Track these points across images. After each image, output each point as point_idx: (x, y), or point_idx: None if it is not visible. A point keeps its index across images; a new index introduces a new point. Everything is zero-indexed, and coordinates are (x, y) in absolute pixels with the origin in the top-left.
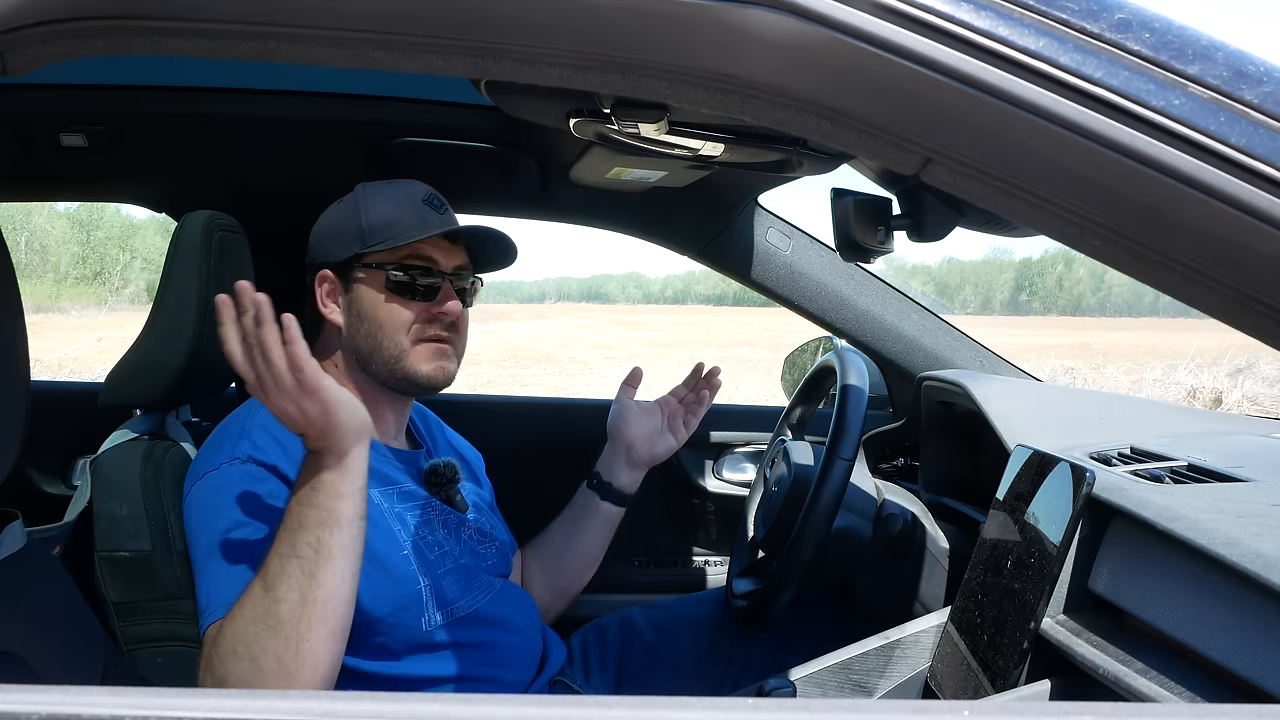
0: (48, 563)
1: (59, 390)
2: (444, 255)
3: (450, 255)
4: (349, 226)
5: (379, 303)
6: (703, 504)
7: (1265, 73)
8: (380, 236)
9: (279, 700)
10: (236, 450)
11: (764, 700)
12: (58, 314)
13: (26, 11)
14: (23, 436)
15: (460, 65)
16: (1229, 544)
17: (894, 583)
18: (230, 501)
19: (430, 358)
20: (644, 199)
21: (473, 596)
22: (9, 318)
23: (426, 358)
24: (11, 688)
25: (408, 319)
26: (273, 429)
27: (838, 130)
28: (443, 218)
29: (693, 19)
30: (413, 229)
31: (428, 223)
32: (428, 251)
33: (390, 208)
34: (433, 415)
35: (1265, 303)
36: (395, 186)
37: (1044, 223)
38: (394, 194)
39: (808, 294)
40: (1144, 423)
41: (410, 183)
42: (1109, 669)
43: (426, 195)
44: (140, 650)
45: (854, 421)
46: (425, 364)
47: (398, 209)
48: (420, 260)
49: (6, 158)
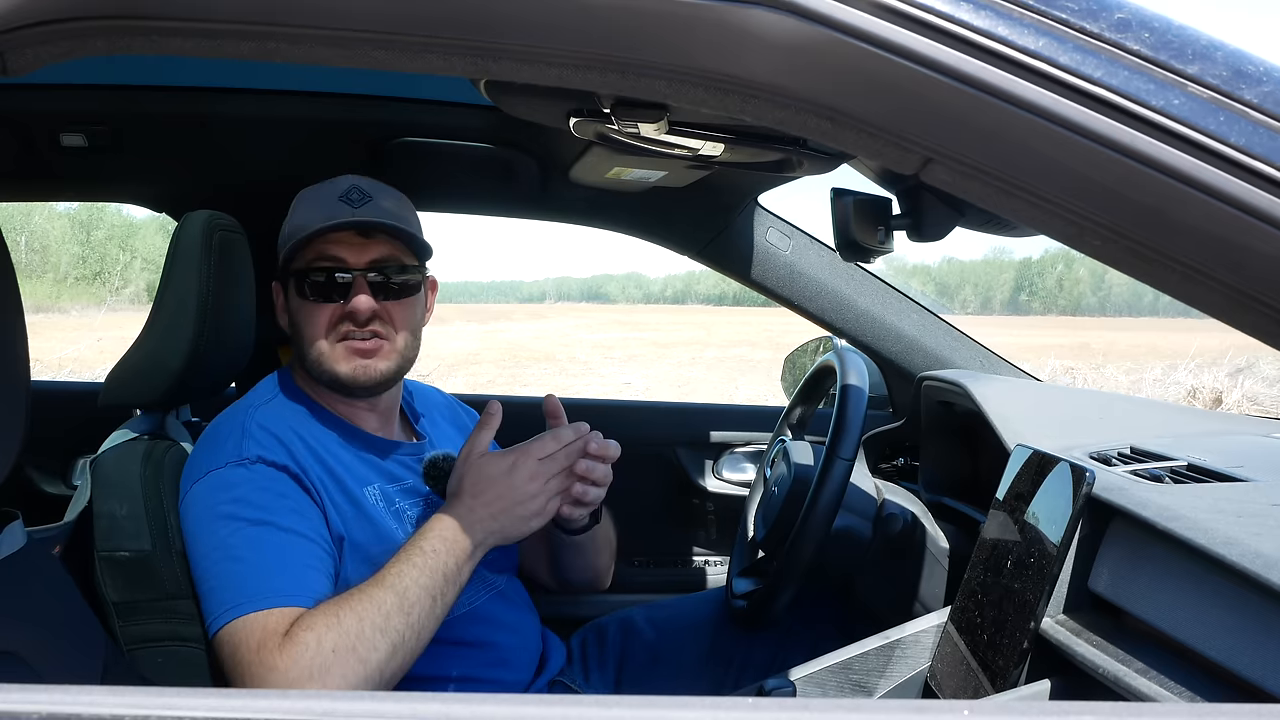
0: (48, 563)
1: (59, 390)
2: (354, 251)
3: (363, 250)
4: (280, 236)
5: (299, 307)
6: (703, 504)
7: (1265, 73)
8: (290, 241)
9: (279, 700)
10: (243, 450)
11: (764, 700)
12: (58, 314)
13: (26, 11)
14: (23, 436)
15: (460, 65)
16: (1229, 544)
17: (894, 583)
18: (242, 500)
19: (347, 357)
20: (644, 199)
21: (473, 593)
22: (9, 318)
23: (344, 357)
24: (11, 688)
25: (323, 320)
26: (273, 428)
27: (838, 130)
28: (356, 210)
29: (693, 19)
30: (313, 227)
31: (333, 217)
32: (334, 250)
33: (305, 209)
34: (432, 394)
35: (1265, 302)
36: (320, 187)
37: (1044, 223)
38: (314, 195)
39: (808, 294)
40: (1144, 423)
41: (338, 179)
42: (1109, 669)
43: (345, 190)
44: (140, 650)
45: (854, 421)
46: (343, 364)
47: (310, 210)
48: (327, 260)
49: (6, 158)
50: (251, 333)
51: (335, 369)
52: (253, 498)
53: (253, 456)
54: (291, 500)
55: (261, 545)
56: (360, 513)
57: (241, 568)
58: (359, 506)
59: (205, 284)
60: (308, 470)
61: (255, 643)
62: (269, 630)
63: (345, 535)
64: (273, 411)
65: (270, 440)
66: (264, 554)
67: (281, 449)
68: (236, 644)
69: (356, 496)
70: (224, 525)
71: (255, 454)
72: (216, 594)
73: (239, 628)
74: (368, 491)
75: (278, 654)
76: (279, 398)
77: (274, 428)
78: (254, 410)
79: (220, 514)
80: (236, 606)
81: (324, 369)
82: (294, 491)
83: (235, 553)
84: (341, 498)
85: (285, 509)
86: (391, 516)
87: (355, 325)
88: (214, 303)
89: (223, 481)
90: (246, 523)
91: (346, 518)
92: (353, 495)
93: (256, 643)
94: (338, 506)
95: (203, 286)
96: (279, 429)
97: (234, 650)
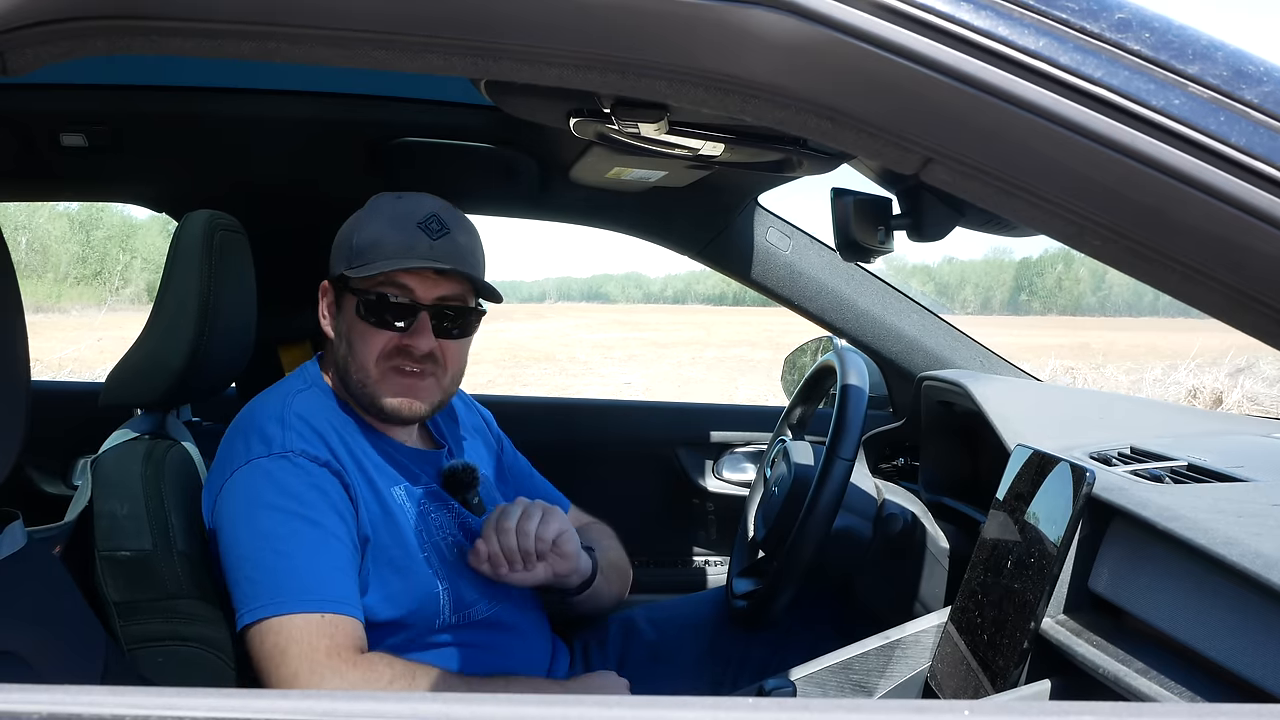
0: (48, 563)
1: (59, 390)
2: (425, 285)
3: (434, 285)
4: (345, 242)
5: (354, 325)
6: (703, 504)
7: (1265, 72)
8: (363, 259)
9: (279, 700)
10: (286, 442)
11: (764, 700)
12: (58, 314)
13: (26, 11)
14: (23, 436)
15: (460, 65)
16: (1229, 544)
17: (894, 583)
18: (288, 493)
19: (396, 391)
20: (644, 199)
21: (490, 600)
22: (9, 318)
23: (393, 390)
24: (11, 687)
25: (378, 346)
26: (312, 421)
27: (838, 130)
28: (434, 245)
29: (693, 19)
30: (393, 255)
31: (413, 249)
32: (405, 280)
33: (381, 227)
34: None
35: (1265, 302)
36: (400, 202)
37: (1044, 223)
38: (392, 212)
39: (808, 294)
40: (1144, 423)
41: (419, 200)
42: (1109, 669)
43: (425, 217)
44: (141, 650)
45: (854, 421)
46: (391, 396)
47: (387, 230)
48: (395, 289)
49: (6, 158)
50: (252, 333)
51: (382, 397)
52: (299, 492)
53: (296, 449)
54: (333, 498)
55: (310, 544)
56: (386, 514)
57: (290, 563)
58: (385, 507)
59: (206, 284)
60: (346, 468)
61: (326, 646)
62: (339, 638)
63: (371, 537)
64: (309, 404)
65: (310, 433)
66: (315, 554)
67: (321, 444)
68: (293, 639)
69: (384, 497)
70: (269, 516)
71: (299, 447)
72: (263, 584)
73: (296, 623)
74: (394, 492)
75: (352, 669)
76: (313, 389)
77: (313, 421)
78: (290, 399)
79: (265, 503)
80: (293, 601)
81: (367, 392)
82: (335, 489)
83: (282, 546)
84: (371, 497)
85: (327, 508)
86: (416, 519)
87: (410, 359)
88: (214, 303)
89: (266, 471)
90: (293, 516)
91: (375, 518)
92: (381, 495)
93: (328, 647)
94: (368, 506)
95: (203, 286)
96: (317, 423)
97: (289, 644)
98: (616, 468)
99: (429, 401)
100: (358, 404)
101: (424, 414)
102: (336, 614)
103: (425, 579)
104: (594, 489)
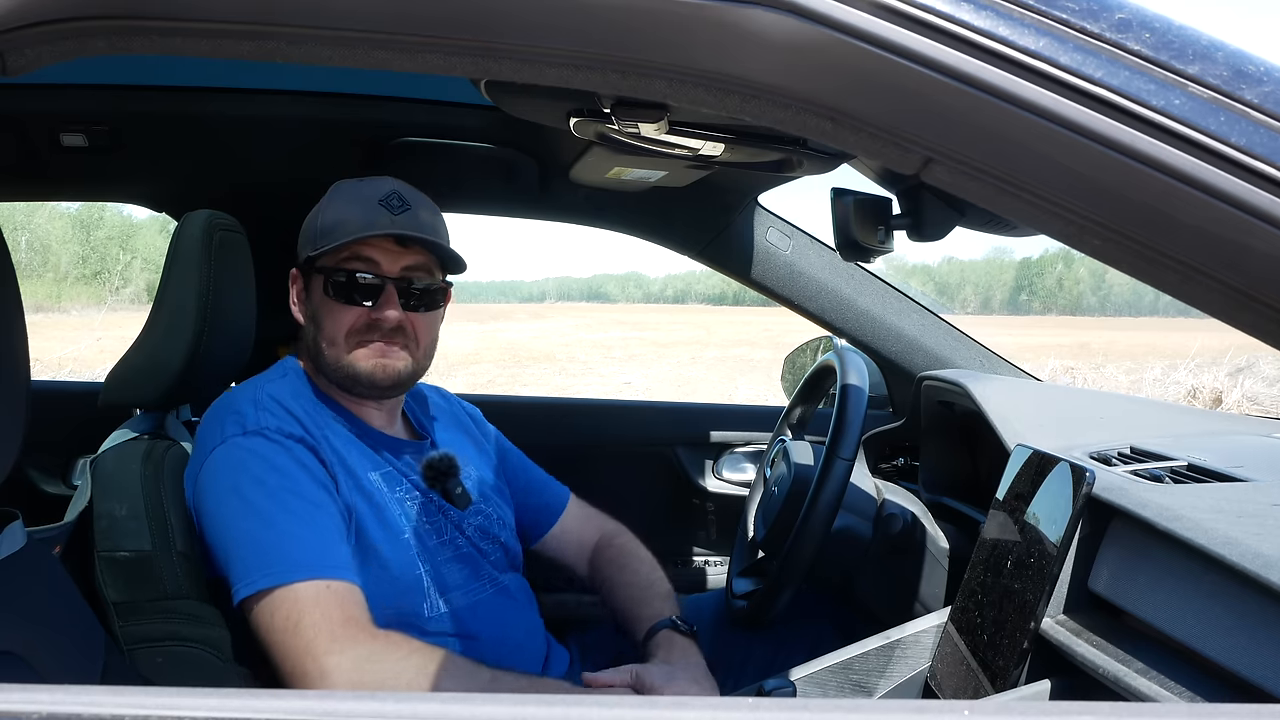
0: (48, 562)
1: (59, 390)
2: (389, 257)
3: (398, 257)
4: (309, 228)
5: (323, 304)
6: (703, 504)
7: (1265, 73)
8: (328, 238)
9: (279, 700)
10: (260, 421)
11: (764, 700)
12: (58, 314)
13: (26, 11)
14: (23, 436)
15: (460, 65)
16: (1229, 544)
17: (894, 583)
18: (270, 467)
19: (369, 356)
20: (644, 199)
21: (478, 586)
22: (9, 318)
23: (365, 356)
24: (11, 687)
25: (347, 322)
26: (285, 401)
27: (838, 130)
28: (395, 219)
29: (693, 19)
30: (354, 230)
31: (374, 223)
32: (369, 253)
33: (343, 207)
34: (435, 395)
35: (1265, 302)
36: (359, 185)
37: (1044, 223)
38: (353, 193)
39: (808, 294)
40: (1144, 423)
41: (378, 180)
42: (1109, 669)
43: (386, 194)
44: (140, 650)
45: (854, 421)
46: (363, 361)
47: (348, 209)
48: (360, 262)
49: (6, 158)
50: (251, 333)
51: (354, 367)
52: (279, 465)
53: (271, 427)
54: (313, 470)
55: (298, 513)
56: (364, 495)
57: (282, 533)
58: (362, 489)
59: (205, 284)
60: (320, 445)
61: (339, 616)
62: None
63: (353, 510)
64: (284, 388)
65: (282, 412)
66: (306, 523)
67: (294, 422)
68: (305, 609)
69: (360, 479)
70: (254, 489)
71: (274, 425)
72: (259, 555)
73: (303, 593)
74: (371, 477)
75: (371, 639)
76: (289, 376)
77: (285, 402)
78: (264, 384)
79: (249, 477)
80: (294, 570)
81: (340, 366)
82: (313, 463)
83: (271, 517)
84: (346, 477)
85: (309, 480)
86: (394, 503)
87: (380, 333)
88: (214, 302)
89: (245, 448)
90: (277, 489)
91: (353, 497)
92: (357, 477)
93: (342, 616)
94: (345, 485)
95: (203, 286)
96: (290, 404)
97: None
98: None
99: (402, 364)
100: (334, 383)
101: (400, 377)
102: (340, 580)
103: (407, 561)
104: (594, 489)
